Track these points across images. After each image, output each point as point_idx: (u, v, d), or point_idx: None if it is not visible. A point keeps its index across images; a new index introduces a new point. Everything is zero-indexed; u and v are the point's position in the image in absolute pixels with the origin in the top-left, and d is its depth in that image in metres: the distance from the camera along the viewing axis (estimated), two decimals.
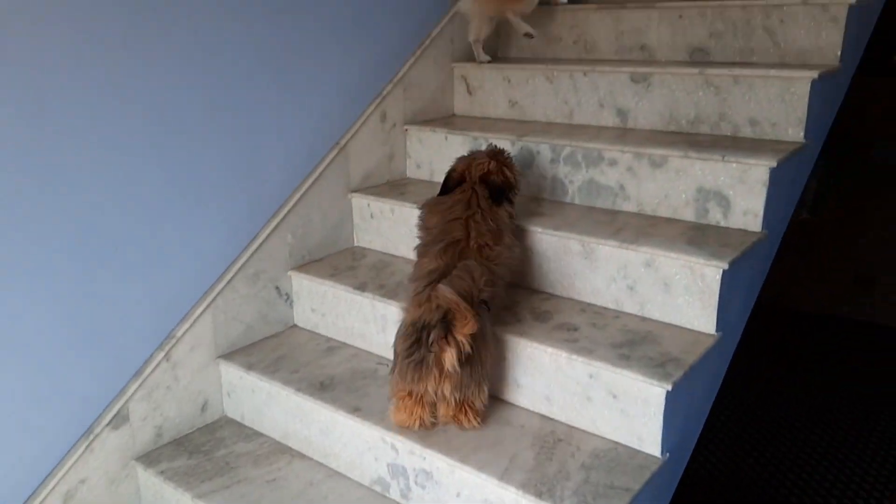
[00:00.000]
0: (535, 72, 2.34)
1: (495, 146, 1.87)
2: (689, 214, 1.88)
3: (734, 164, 1.77)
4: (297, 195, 2.08)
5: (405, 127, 2.39)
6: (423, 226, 1.75)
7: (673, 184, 1.88)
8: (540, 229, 1.86)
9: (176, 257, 1.82)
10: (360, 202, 2.25)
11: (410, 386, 1.50)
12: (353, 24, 2.15)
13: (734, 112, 1.98)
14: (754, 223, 1.78)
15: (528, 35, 2.38)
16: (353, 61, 2.17)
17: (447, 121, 2.45)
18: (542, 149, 2.10)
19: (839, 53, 1.99)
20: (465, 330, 1.40)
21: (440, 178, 1.87)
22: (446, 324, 1.41)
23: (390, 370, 1.57)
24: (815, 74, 1.83)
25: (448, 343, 1.41)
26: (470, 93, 2.52)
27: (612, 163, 1.98)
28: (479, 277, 1.50)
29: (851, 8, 1.96)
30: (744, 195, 1.77)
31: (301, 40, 2.01)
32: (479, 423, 1.58)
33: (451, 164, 1.85)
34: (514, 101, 2.42)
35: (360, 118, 2.24)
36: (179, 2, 1.70)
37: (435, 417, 1.58)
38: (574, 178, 2.07)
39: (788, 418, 3.34)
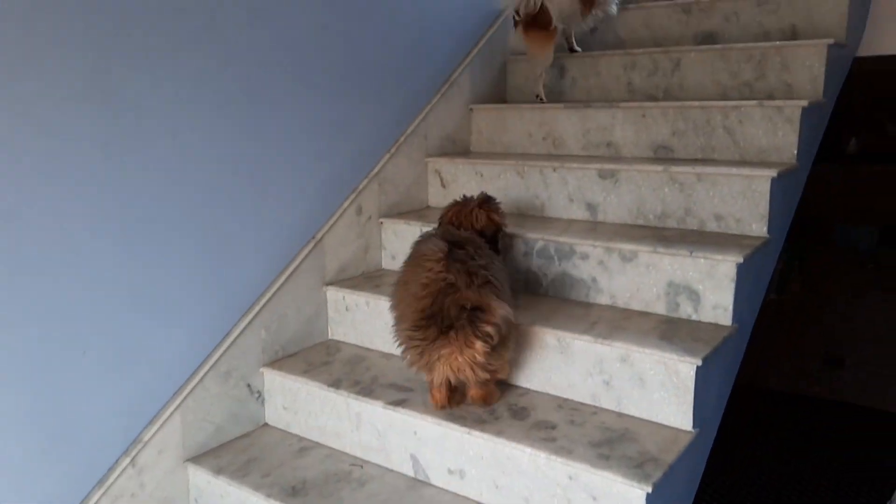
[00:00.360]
0: (507, 167, 2.41)
1: (484, 194, 1.97)
2: (660, 308, 1.91)
3: (702, 260, 1.81)
4: (273, 290, 2.07)
5: (380, 220, 2.42)
6: (403, 272, 1.79)
7: (644, 278, 1.92)
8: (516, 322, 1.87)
9: (146, 358, 1.78)
10: (335, 295, 2.25)
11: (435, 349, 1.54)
12: (331, 126, 2.21)
13: (699, 208, 2.06)
14: (724, 317, 1.81)
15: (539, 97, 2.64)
16: (330, 160, 2.22)
17: (422, 213, 2.50)
18: (516, 242, 2.14)
19: (796, 152, 2.09)
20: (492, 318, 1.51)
21: None
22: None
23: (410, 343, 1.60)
24: (774, 173, 1.92)
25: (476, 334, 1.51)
26: (444, 186, 2.58)
27: (584, 256, 2.02)
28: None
29: (804, 110, 2.07)
30: (713, 290, 1.81)
31: (280, 145, 2.05)
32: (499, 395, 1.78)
33: (443, 210, 1.98)
34: None
35: (336, 212, 2.27)
36: (164, 115, 1.74)
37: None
38: (548, 270, 2.10)
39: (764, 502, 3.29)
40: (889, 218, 4.95)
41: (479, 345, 1.53)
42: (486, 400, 1.77)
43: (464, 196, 2.00)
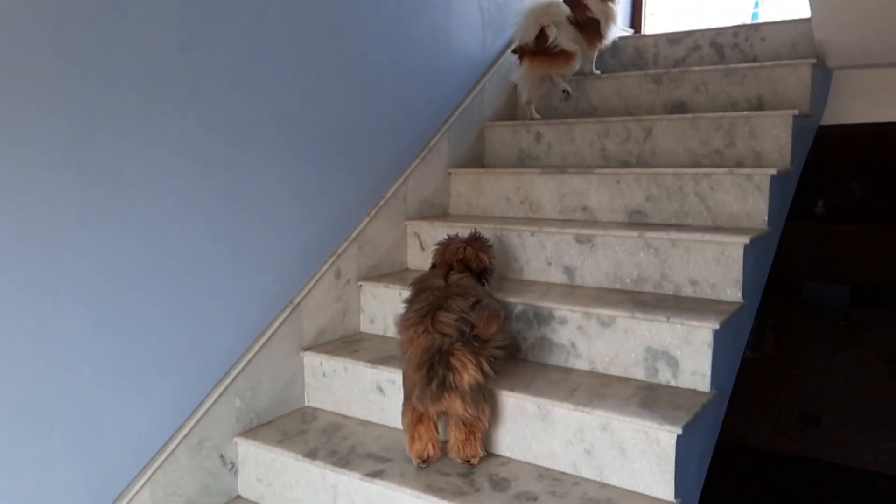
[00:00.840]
0: (485, 230, 2.42)
1: (474, 232, 2.06)
2: (639, 374, 1.91)
3: (679, 326, 1.83)
4: (248, 357, 2.04)
5: (360, 283, 2.41)
6: (409, 300, 1.88)
7: (622, 343, 1.93)
8: (495, 389, 1.86)
9: (115, 431, 1.73)
10: (312, 361, 2.22)
11: (430, 405, 1.65)
12: (312, 190, 2.22)
13: (675, 273, 2.09)
14: (703, 383, 1.81)
15: (566, 92, 2.78)
16: (310, 224, 2.23)
17: (401, 276, 2.50)
18: None
19: (766, 218, 2.15)
20: (484, 352, 1.63)
21: (394, 333, 1.97)
22: (467, 341, 1.63)
23: (404, 401, 1.73)
24: (746, 240, 1.96)
25: (466, 362, 1.61)
26: (423, 248, 2.59)
27: (563, 321, 2.03)
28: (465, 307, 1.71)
29: (773, 178, 2.14)
30: (691, 356, 1.82)
31: (260, 209, 2.05)
32: (483, 451, 1.78)
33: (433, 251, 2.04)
34: None
35: (315, 275, 2.26)
36: (144, 181, 1.74)
37: (438, 447, 1.76)
38: (527, 335, 2.10)
39: None
40: (857, 276, 5.06)
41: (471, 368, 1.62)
42: (469, 450, 1.76)
43: (448, 235, 2.09)
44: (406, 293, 2.30)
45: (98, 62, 1.63)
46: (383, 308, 2.39)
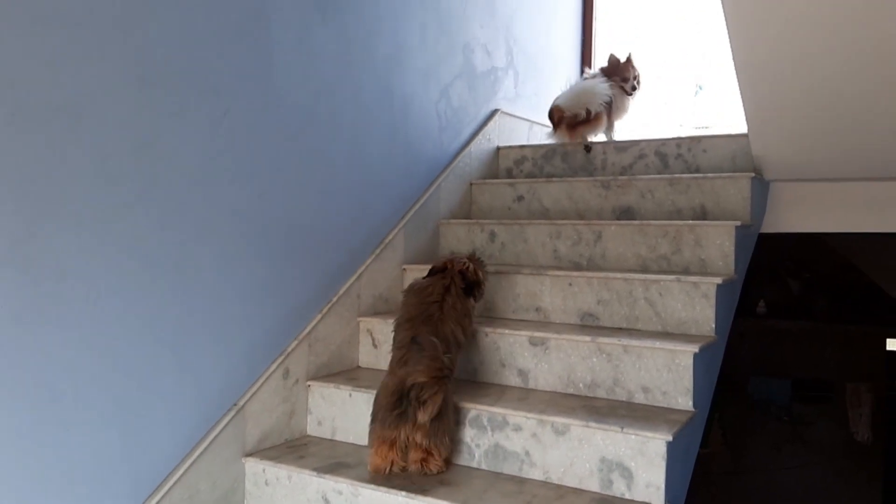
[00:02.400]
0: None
1: (475, 252, 2.37)
2: (594, 485, 1.87)
3: (633, 436, 1.82)
4: (187, 464, 1.93)
5: (308, 382, 2.34)
6: (404, 303, 2.14)
7: (577, 452, 1.90)
8: (447, 502, 1.79)
9: None
10: (254, 467, 2.11)
11: (391, 433, 1.88)
12: (263, 287, 2.18)
13: (627, 379, 2.10)
14: (657, 496, 1.79)
15: (588, 147, 3.13)
16: (260, 323, 2.17)
17: (352, 375, 2.44)
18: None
19: (713, 325, 2.20)
20: (436, 398, 1.82)
21: (343, 437, 2.14)
22: (422, 388, 1.82)
23: (371, 422, 1.94)
24: (695, 348, 1.99)
25: (424, 403, 1.82)
26: (375, 346, 2.55)
27: (517, 428, 2.00)
28: (441, 352, 1.91)
29: (719, 287, 2.21)
30: (645, 468, 1.81)
31: (207, 309, 2.00)
32: (443, 466, 1.96)
33: (436, 260, 2.27)
34: None
35: (262, 376, 2.18)
36: (87, 280, 1.68)
37: (405, 462, 1.95)
38: (480, 441, 2.05)
39: None
40: (798, 372, 5.20)
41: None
42: (429, 467, 1.94)
43: (451, 252, 2.57)
44: (357, 394, 2.26)
45: (49, 161, 1.60)
46: (332, 409, 2.31)
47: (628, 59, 3.23)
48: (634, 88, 3.23)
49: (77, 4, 1.64)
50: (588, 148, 3.16)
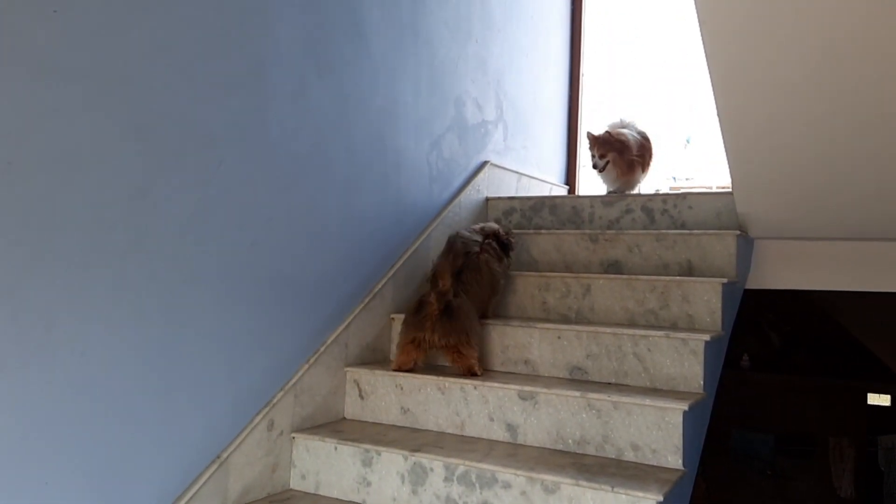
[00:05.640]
0: (427, 381, 2.40)
1: (506, 225, 2.99)
2: None
3: (624, 496, 1.80)
4: None
5: (293, 434, 2.30)
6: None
7: None
8: None
9: None
10: None
11: (414, 333, 2.36)
12: (250, 336, 2.15)
13: (617, 435, 2.08)
14: None
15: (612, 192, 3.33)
16: (245, 373, 2.14)
17: (337, 427, 2.40)
18: (436, 466, 2.07)
19: (702, 382, 2.21)
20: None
21: (326, 492, 2.16)
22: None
23: (402, 327, 2.45)
24: (685, 406, 1.99)
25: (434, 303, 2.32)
26: (362, 397, 2.52)
27: (506, 486, 1.97)
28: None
29: (707, 343, 2.22)
30: None
31: (193, 359, 1.96)
32: (478, 368, 2.40)
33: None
34: (406, 408, 2.43)
35: (246, 428, 2.13)
36: (75, 330, 1.65)
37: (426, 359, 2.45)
38: (469, 499, 2.01)
39: None
40: (781, 425, 5.20)
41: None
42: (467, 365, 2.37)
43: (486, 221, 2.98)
44: (342, 447, 2.22)
45: (43, 211, 1.59)
46: (316, 463, 2.26)
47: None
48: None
49: (75, 58, 1.65)
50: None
